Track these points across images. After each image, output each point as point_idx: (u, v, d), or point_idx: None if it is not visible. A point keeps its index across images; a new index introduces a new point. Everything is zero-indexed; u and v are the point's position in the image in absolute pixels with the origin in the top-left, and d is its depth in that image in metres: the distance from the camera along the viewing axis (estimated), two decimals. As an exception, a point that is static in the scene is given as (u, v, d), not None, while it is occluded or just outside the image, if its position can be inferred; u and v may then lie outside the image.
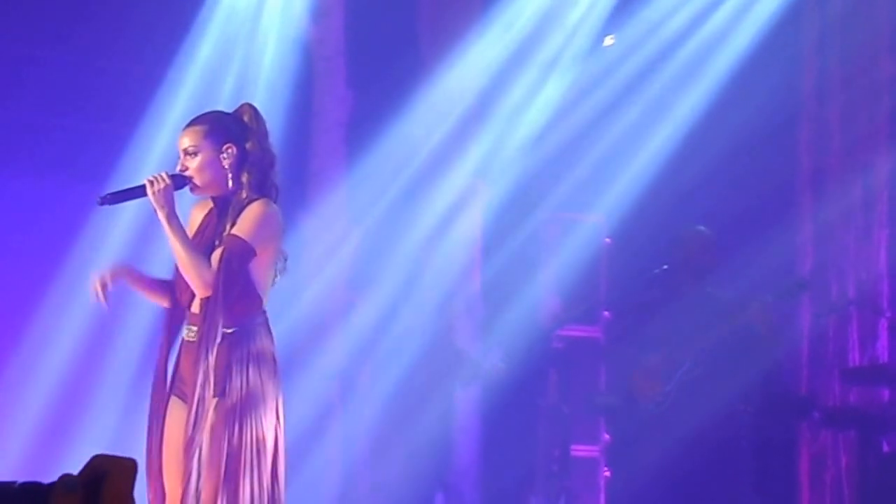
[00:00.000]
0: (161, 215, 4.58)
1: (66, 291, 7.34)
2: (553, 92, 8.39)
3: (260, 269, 4.65)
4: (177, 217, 4.60)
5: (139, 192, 4.61)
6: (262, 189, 4.73)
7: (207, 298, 4.61)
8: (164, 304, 4.81)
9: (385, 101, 8.04)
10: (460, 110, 8.20)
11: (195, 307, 4.68)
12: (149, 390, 4.74)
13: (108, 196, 4.63)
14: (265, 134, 4.78)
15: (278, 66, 8.01)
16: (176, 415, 4.66)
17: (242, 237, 4.60)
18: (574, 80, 8.41)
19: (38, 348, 7.35)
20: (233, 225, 4.66)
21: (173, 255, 4.60)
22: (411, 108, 8.08)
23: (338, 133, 8.13)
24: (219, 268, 4.58)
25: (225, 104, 7.73)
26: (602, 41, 8.52)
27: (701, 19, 8.41)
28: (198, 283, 4.58)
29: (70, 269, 7.35)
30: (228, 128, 4.74)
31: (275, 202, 4.74)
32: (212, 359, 4.56)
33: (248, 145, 4.71)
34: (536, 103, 8.38)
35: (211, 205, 4.79)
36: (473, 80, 8.23)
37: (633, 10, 8.35)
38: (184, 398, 4.67)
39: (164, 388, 4.70)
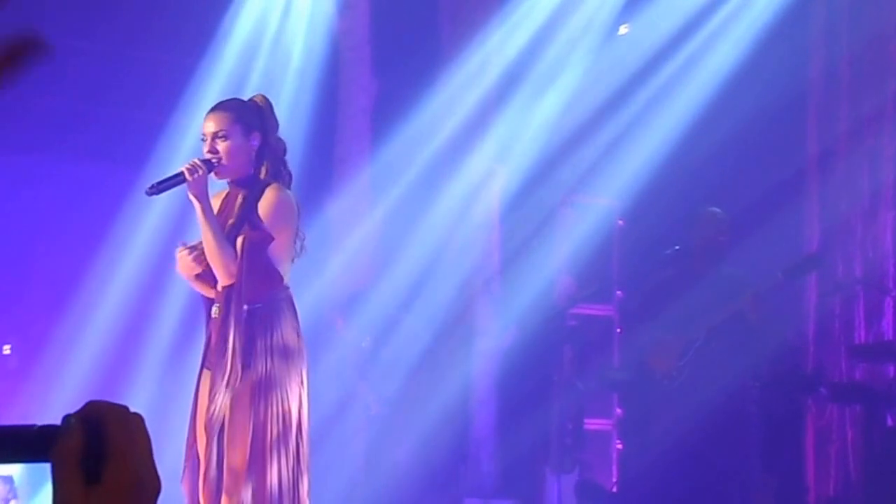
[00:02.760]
0: (197, 205, 4.69)
1: (106, 270, 7.49)
2: (569, 79, 8.46)
3: (278, 249, 4.80)
4: (211, 207, 4.73)
5: (180, 178, 4.70)
6: (278, 176, 4.89)
7: (231, 285, 4.76)
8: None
9: (408, 88, 8.13)
10: (479, 97, 8.27)
11: (219, 286, 4.84)
12: (182, 365, 4.93)
13: (154, 186, 4.68)
14: (278, 123, 4.95)
15: (307, 55, 8.13)
16: (207, 387, 4.81)
17: (260, 225, 4.79)
18: (589, 67, 8.48)
19: (79, 326, 7.45)
20: (251, 210, 4.82)
21: (204, 242, 4.75)
22: (433, 95, 8.18)
23: (363, 119, 8.24)
24: (241, 256, 4.73)
25: (254, 94, 7.95)
26: (617, 30, 8.61)
27: (711, 5, 8.45)
28: (223, 272, 4.72)
29: (108, 249, 7.50)
30: (253, 115, 4.87)
31: (288, 188, 4.91)
32: (237, 342, 4.70)
33: (268, 133, 4.87)
34: (552, 90, 8.44)
35: (227, 190, 4.94)
36: (491, 68, 8.31)
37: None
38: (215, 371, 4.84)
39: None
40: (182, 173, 4.69)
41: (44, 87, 7.56)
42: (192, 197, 4.71)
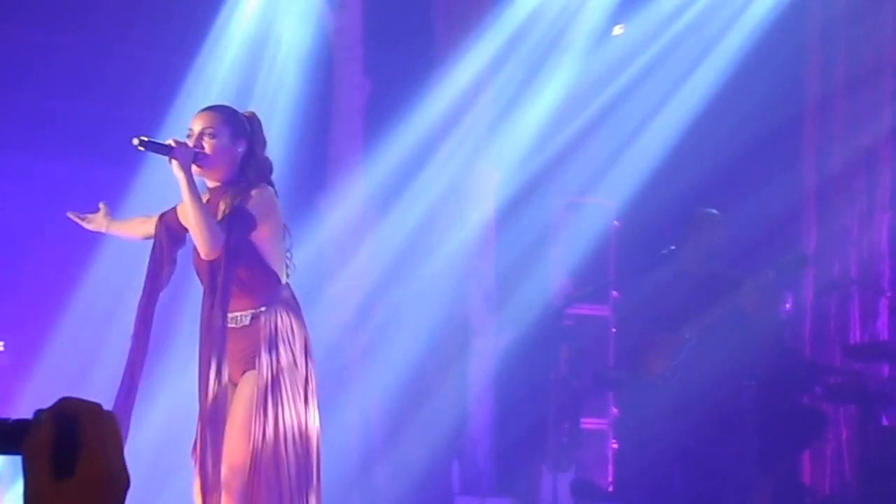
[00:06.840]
0: (181, 176, 4.62)
1: (101, 266, 7.48)
2: (563, 79, 8.47)
3: (265, 243, 4.79)
4: (194, 180, 4.67)
5: (166, 148, 4.64)
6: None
7: (213, 264, 4.71)
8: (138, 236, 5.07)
9: (401, 88, 8.15)
10: (473, 97, 8.28)
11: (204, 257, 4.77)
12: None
13: (143, 141, 4.62)
14: (266, 141, 4.94)
15: (299, 54, 8.13)
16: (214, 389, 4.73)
17: (246, 208, 4.74)
18: (584, 68, 8.49)
19: (73, 322, 7.46)
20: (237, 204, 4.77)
21: (189, 214, 4.67)
22: (426, 95, 8.19)
23: (356, 119, 8.23)
24: (226, 232, 4.67)
25: (247, 92, 7.95)
26: (611, 30, 8.62)
27: (708, 7, 8.48)
28: (209, 244, 4.63)
29: (103, 245, 7.49)
30: (243, 124, 4.87)
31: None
32: (224, 342, 4.69)
33: (255, 146, 4.86)
34: (547, 90, 8.45)
35: (209, 196, 4.88)
36: (486, 67, 8.32)
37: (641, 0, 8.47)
38: (232, 378, 4.81)
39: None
40: (170, 144, 4.64)
41: (26, 82, 7.62)
42: (176, 169, 4.65)
